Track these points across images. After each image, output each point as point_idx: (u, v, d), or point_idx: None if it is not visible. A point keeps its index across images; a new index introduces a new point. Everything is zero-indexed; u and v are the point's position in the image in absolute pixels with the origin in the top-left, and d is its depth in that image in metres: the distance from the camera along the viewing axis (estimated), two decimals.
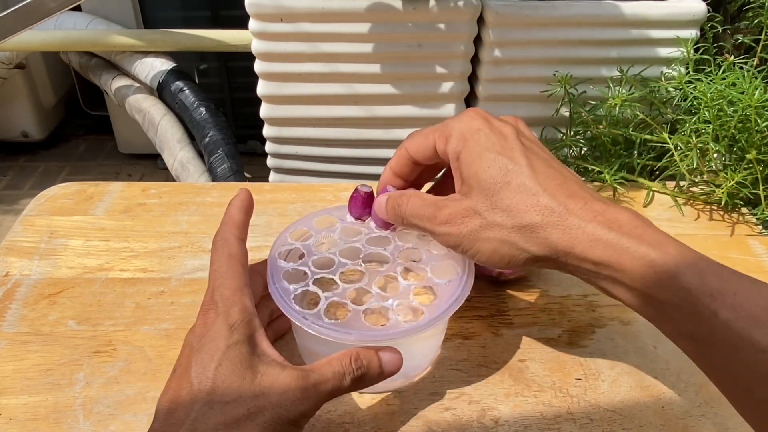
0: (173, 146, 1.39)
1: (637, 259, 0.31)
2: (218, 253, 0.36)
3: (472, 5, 0.92)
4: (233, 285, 0.34)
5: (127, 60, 1.51)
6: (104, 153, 1.93)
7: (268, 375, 0.31)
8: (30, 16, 0.96)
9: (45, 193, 0.58)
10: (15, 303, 0.46)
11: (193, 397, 0.30)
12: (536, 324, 0.45)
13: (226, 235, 0.37)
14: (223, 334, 0.32)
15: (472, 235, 0.35)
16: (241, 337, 0.32)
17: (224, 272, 0.35)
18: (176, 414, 0.30)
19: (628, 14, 0.93)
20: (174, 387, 0.31)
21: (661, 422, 0.38)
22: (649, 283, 0.31)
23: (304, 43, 0.95)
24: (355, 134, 1.04)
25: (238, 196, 0.39)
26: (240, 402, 0.30)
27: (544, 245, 0.33)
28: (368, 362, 0.34)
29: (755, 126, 0.56)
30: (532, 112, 1.01)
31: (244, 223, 0.38)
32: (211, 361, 0.31)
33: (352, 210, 0.43)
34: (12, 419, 0.37)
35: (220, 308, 0.33)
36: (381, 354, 0.34)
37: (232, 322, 0.32)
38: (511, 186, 0.34)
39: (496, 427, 0.38)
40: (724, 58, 0.65)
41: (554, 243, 0.33)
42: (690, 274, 0.30)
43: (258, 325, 0.34)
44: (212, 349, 0.31)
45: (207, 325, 0.33)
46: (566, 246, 0.33)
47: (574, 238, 0.32)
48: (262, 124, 1.06)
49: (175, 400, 0.31)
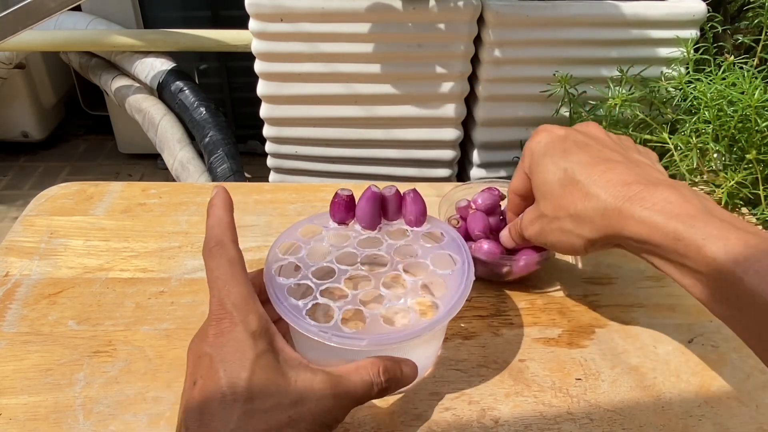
0: (173, 146, 1.39)
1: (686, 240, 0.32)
2: (217, 260, 0.34)
3: (472, 5, 0.92)
4: (242, 292, 0.33)
5: (127, 60, 1.51)
6: (104, 153, 1.93)
7: (301, 380, 0.32)
8: (30, 16, 0.96)
9: (45, 193, 0.58)
10: (15, 303, 0.46)
11: (229, 406, 0.30)
12: (536, 324, 0.45)
13: (220, 238, 0.35)
14: (247, 343, 0.31)
15: (542, 232, 0.41)
16: (266, 345, 0.32)
17: (228, 279, 0.33)
18: (212, 424, 0.30)
19: (628, 14, 0.93)
20: (201, 398, 0.31)
21: (661, 422, 0.38)
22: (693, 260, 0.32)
23: (304, 43, 0.95)
24: (355, 134, 1.04)
25: (218, 196, 0.37)
26: (280, 409, 0.30)
27: (594, 228, 0.37)
28: (393, 374, 0.35)
29: (755, 126, 0.56)
30: (532, 112, 1.01)
31: (232, 223, 0.37)
32: (243, 370, 0.31)
33: (336, 215, 0.43)
34: (12, 419, 0.37)
35: (236, 317, 0.32)
36: (403, 366, 0.35)
37: (252, 330, 0.32)
38: (567, 186, 0.38)
39: (496, 427, 0.38)
40: (724, 58, 0.65)
41: (600, 226, 0.36)
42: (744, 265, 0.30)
43: (275, 330, 0.34)
44: (241, 358, 0.31)
45: (224, 334, 0.32)
46: (608, 228, 0.36)
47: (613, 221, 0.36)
48: (262, 124, 1.06)
49: (207, 411, 0.30)
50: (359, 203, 0.42)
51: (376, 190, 0.42)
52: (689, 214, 0.33)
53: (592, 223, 0.37)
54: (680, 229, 0.33)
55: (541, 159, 0.40)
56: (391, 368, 0.35)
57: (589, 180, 0.37)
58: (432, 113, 1.02)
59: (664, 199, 0.34)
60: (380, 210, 0.43)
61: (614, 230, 0.36)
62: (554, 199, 0.39)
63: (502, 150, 1.07)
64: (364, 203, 0.42)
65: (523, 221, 0.43)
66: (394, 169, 1.09)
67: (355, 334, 0.35)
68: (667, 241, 0.33)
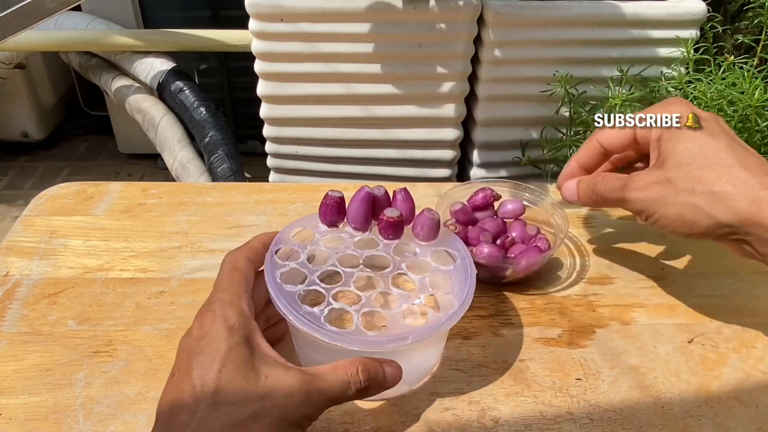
0: (173, 146, 1.39)
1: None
2: (223, 269, 0.37)
3: (472, 5, 0.92)
4: (231, 290, 0.35)
5: (127, 60, 1.51)
6: (104, 153, 1.93)
7: (272, 377, 0.32)
8: (30, 16, 0.96)
9: (45, 193, 0.58)
10: (15, 303, 0.46)
11: (197, 398, 0.30)
12: (536, 324, 0.45)
13: (236, 254, 0.38)
14: (222, 335, 0.32)
15: (660, 200, 0.38)
16: (240, 339, 0.32)
17: (224, 282, 0.36)
18: (180, 416, 0.30)
19: (628, 14, 0.93)
20: (174, 390, 0.31)
21: (661, 422, 0.38)
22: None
23: (304, 43, 0.95)
24: (355, 134, 1.04)
25: (267, 234, 0.41)
26: (245, 403, 0.30)
27: (731, 212, 0.35)
28: (374, 374, 0.34)
29: (755, 126, 0.56)
30: (532, 112, 1.01)
31: (260, 251, 0.39)
32: (214, 362, 0.31)
33: (327, 217, 0.42)
34: (12, 419, 0.37)
35: (217, 311, 0.33)
36: (385, 367, 0.35)
37: (230, 324, 0.33)
38: (708, 158, 0.37)
39: (496, 427, 0.38)
40: (724, 58, 0.65)
41: (742, 211, 0.35)
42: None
43: (255, 327, 0.34)
44: (213, 351, 0.32)
45: (204, 327, 0.33)
46: (754, 215, 0.34)
47: (763, 209, 0.34)
48: (262, 124, 1.06)
49: (177, 403, 0.31)
50: (352, 204, 0.41)
51: (370, 191, 0.41)
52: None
53: (734, 207, 0.35)
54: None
55: (684, 130, 0.39)
56: (372, 368, 0.34)
57: (740, 164, 0.36)
58: (432, 113, 1.02)
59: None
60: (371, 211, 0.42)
61: (758, 219, 0.35)
62: (694, 171, 0.37)
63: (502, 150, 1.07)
64: (357, 204, 0.41)
65: (634, 182, 0.40)
66: (394, 169, 1.09)
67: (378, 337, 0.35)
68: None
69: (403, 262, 0.40)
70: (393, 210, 0.40)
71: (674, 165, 0.38)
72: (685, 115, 0.40)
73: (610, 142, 0.44)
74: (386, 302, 0.40)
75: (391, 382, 0.35)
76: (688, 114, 0.39)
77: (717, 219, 0.36)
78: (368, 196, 0.41)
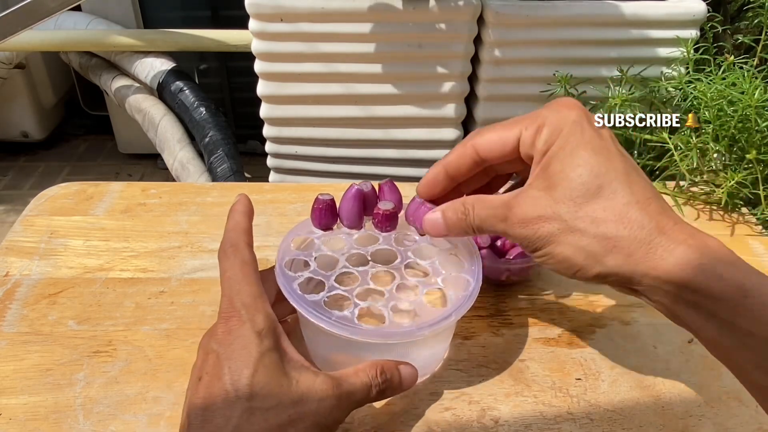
0: (173, 146, 1.39)
1: (729, 286, 0.28)
2: (230, 261, 0.35)
3: (472, 5, 0.92)
4: (252, 292, 0.34)
5: (127, 60, 1.51)
6: (104, 153, 1.93)
7: (303, 381, 0.32)
8: (30, 16, 0.96)
9: (45, 193, 0.58)
10: (15, 303, 0.46)
11: (231, 403, 0.30)
12: (536, 324, 0.45)
13: (236, 241, 0.36)
14: (253, 341, 0.32)
15: (549, 238, 0.32)
16: (271, 344, 0.32)
17: (240, 279, 0.34)
18: (214, 421, 0.30)
19: (628, 14, 0.93)
20: (206, 394, 0.31)
21: (661, 422, 0.38)
22: (740, 313, 0.28)
23: (304, 43, 0.95)
24: (354, 134, 1.04)
25: (240, 202, 0.39)
26: (281, 408, 0.31)
27: (624, 261, 0.31)
28: (391, 376, 0.35)
29: (755, 126, 0.56)
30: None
31: (250, 228, 0.38)
32: (246, 367, 0.31)
33: (322, 221, 0.41)
34: (12, 419, 0.37)
35: (244, 316, 0.33)
36: (401, 368, 0.36)
37: (258, 329, 0.32)
38: (603, 191, 0.31)
39: (496, 427, 0.38)
40: (724, 58, 0.65)
41: (637, 261, 0.30)
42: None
43: (281, 330, 0.34)
44: (245, 356, 0.31)
45: (232, 332, 0.32)
46: (649, 266, 0.30)
47: (660, 259, 0.30)
48: (262, 124, 1.06)
49: (210, 408, 0.30)
50: (344, 204, 0.41)
51: (359, 188, 0.41)
52: (750, 271, 0.29)
53: (629, 256, 0.30)
54: (746, 285, 0.28)
55: (578, 149, 0.32)
56: (389, 370, 0.35)
57: (637, 202, 0.31)
58: (432, 113, 1.02)
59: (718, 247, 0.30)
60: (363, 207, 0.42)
61: (652, 269, 0.30)
62: (587, 207, 0.31)
63: None
64: (350, 203, 0.41)
65: (516, 214, 0.33)
66: (394, 169, 1.09)
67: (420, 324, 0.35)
68: (729, 294, 0.28)
69: (408, 251, 0.41)
70: (387, 203, 0.40)
71: (565, 197, 0.32)
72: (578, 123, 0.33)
73: (487, 150, 0.36)
74: (408, 291, 0.40)
75: (405, 384, 0.36)
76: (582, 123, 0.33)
77: (608, 267, 0.31)
78: (359, 194, 0.41)
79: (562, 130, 0.33)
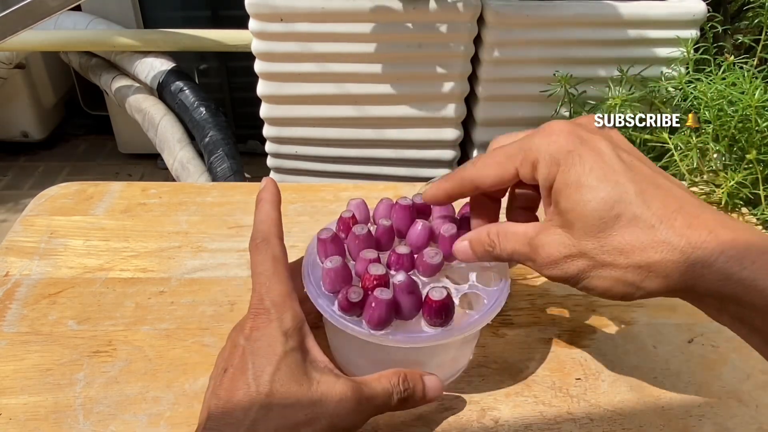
0: (173, 146, 1.39)
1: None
2: (262, 255, 0.35)
3: (472, 5, 0.92)
4: (282, 290, 0.34)
5: (127, 60, 1.51)
6: (104, 153, 1.93)
7: (323, 383, 0.32)
8: (30, 16, 0.96)
9: (45, 193, 0.58)
10: (15, 303, 0.46)
11: (252, 399, 0.31)
12: (536, 324, 0.45)
13: (267, 234, 0.36)
14: (278, 339, 0.32)
15: (581, 275, 0.32)
16: (295, 344, 0.33)
17: (271, 276, 0.34)
18: (234, 414, 0.31)
19: (628, 14, 0.93)
20: (230, 387, 0.32)
21: (661, 422, 0.38)
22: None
23: (304, 43, 0.95)
24: (354, 134, 1.04)
25: (267, 189, 0.38)
26: (298, 407, 0.31)
27: (663, 284, 0.30)
28: (414, 385, 0.35)
29: (755, 126, 0.56)
30: (532, 112, 1.01)
31: (280, 219, 0.37)
32: (269, 365, 0.32)
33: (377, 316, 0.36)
34: (12, 419, 0.37)
35: (273, 314, 0.33)
36: (425, 378, 0.36)
37: (285, 328, 0.33)
38: (622, 220, 0.30)
39: (496, 427, 0.38)
40: (724, 58, 0.65)
41: (676, 281, 0.29)
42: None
43: (308, 331, 0.34)
44: (269, 353, 0.32)
45: (260, 329, 0.33)
46: (688, 284, 0.29)
47: (698, 276, 0.29)
48: (262, 124, 1.06)
49: (231, 400, 0.31)
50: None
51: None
52: None
53: (666, 278, 0.29)
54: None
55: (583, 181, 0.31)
56: (413, 379, 0.35)
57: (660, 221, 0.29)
58: (432, 113, 1.02)
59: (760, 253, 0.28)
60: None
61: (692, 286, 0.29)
62: (609, 239, 0.30)
63: None
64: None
65: (541, 254, 0.33)
66: (393, 169, 1.09)
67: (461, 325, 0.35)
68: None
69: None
70: (439, 290, 0.35)
71: (585, 234, 0.31)
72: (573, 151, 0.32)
73: (487, 183, 0.35)
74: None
75: (431, 395, 0.36)
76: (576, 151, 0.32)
77: (649, 290, 0.30)
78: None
79: (559, 163, 0.32)
